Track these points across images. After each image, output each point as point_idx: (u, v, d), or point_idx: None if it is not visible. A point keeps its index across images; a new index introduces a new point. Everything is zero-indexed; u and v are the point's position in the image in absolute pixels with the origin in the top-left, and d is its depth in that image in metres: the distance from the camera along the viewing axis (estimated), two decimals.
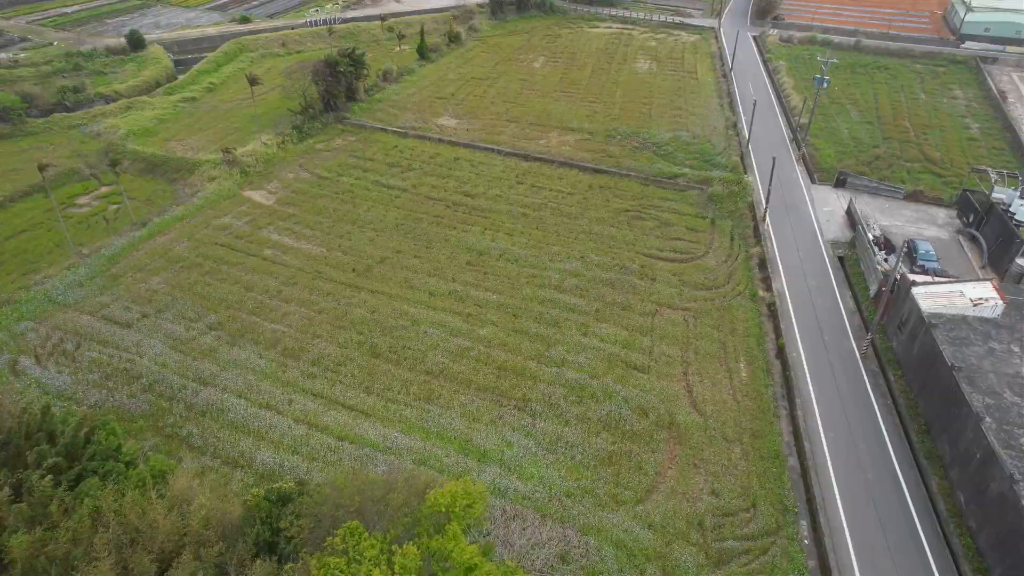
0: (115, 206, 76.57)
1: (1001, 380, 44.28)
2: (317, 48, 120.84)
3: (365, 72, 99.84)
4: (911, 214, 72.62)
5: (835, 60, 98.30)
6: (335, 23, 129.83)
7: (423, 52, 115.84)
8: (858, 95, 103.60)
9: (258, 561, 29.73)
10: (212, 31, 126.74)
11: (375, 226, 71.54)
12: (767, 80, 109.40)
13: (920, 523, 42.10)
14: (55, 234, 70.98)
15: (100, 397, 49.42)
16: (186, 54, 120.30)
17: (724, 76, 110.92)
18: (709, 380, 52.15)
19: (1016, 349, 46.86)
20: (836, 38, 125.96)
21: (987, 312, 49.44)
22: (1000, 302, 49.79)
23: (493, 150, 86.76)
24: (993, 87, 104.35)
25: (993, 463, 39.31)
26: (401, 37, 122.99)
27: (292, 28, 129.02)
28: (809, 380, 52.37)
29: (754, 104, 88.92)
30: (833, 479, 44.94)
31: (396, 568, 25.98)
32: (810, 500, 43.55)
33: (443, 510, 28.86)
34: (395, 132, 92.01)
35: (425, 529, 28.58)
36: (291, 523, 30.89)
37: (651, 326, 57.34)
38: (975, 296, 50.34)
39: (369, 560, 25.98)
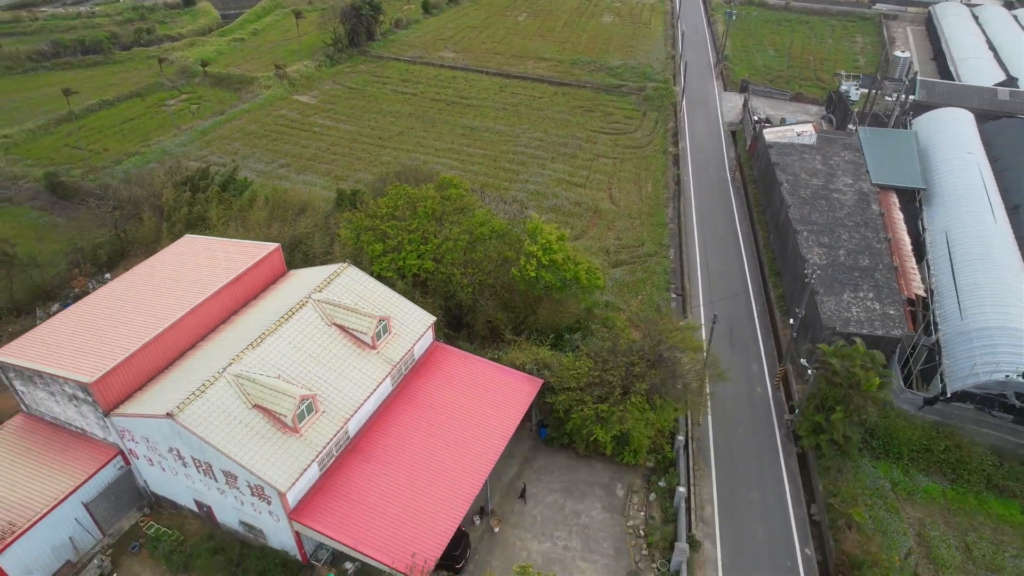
0: (196, 105, 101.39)
1: (801, 170, 69.31)
2: (339, 4, 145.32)
3: (381, 18, 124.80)
4: (792, 108, 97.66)
5: None
6: None
7: (427, 7, 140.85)
8: (778, 40, 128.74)
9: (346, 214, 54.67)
10: None
11: (393, 115, 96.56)
12: (706, 29, 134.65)
13: (745, 253, 67.34)
14: (156, 121, 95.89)
15: None
16: (228, 10, 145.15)
17: (672, 26, 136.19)
18: (625, 191, 77.25)
19: (818, 157, 71.89)
20: (771, 0, 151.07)
21: (806, 140, 74.54)
22: (815, 134, 75.03)
23: (482, 71, 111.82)
24: (886, 35, 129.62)
25: (783, 206, 64.35)
26: None
27: None
28: (692, 190, 77.62)
29: (682, 34, 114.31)
30: (696, 233, 70.18)
31: (421, 191, 50.93)
32: (680, 244, 68.65)
33: (447, 179, 53.81)
34: (406, 61, 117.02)
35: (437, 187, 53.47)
36: (362, 198, 55.73)
37: (589, 166, 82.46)
38: (799, 131, 75.60)
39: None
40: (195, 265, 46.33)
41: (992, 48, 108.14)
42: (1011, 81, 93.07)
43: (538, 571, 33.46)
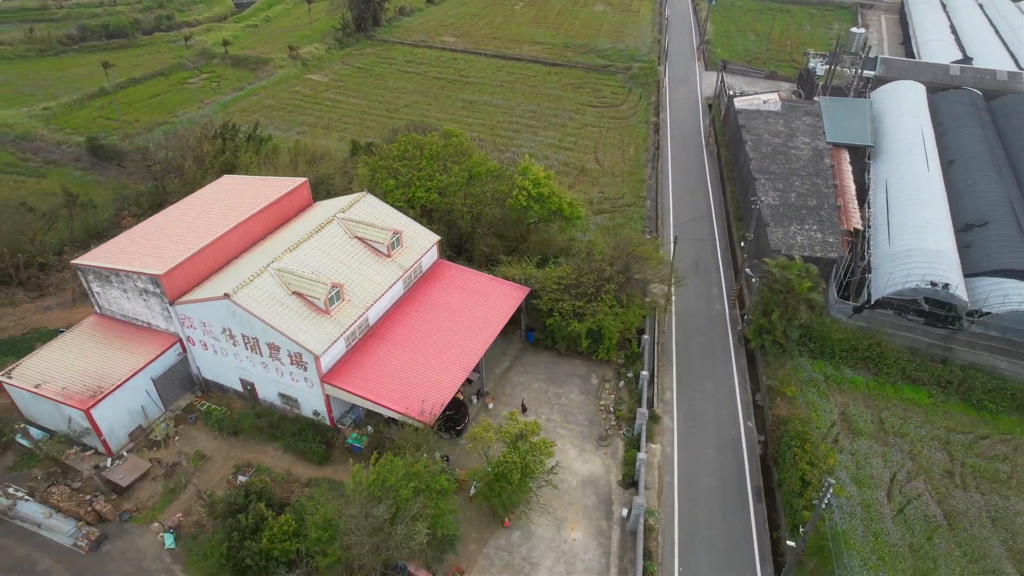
0: (215, 83, 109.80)
1: (764, 131, 77.66)
2: None
3: (386, 5, 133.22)
4: (766, 85, 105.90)
5: None
6: None
7: None
8: (759, 26, 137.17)
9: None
10: None
11: (399, 91, 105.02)
12: (691, 16, 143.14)
13: (713, 202, 75.77)
14: (180, 96, 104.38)
15: None
16: None
17: (660, 14, 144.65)
18: (609, 154, 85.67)
19: (781, 121, 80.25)
20: None
21: (771, 107, 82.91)
22: (779, 102, 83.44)
23: (481, 54, 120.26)
24: (860, 22, 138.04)
25: (746, 161, 72.72)
26: None
27: None
28: (670, 153, 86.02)
29: (666, 18, 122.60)
30: (671, 187, 78.60)
31: (427, 137, 59.26)
32: (657, 196, 77.04)
33: (450, 130, 62.17)
34: (410, 44, 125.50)
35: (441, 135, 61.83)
36: (377, 146, 64.07)
37: (578, 133, 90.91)
38: (765, 99, 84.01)
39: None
40: (236, 195, 54.64)
41: (954, 32, 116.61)
42: (967, 60, 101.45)
43: (523, 420, 41.72)
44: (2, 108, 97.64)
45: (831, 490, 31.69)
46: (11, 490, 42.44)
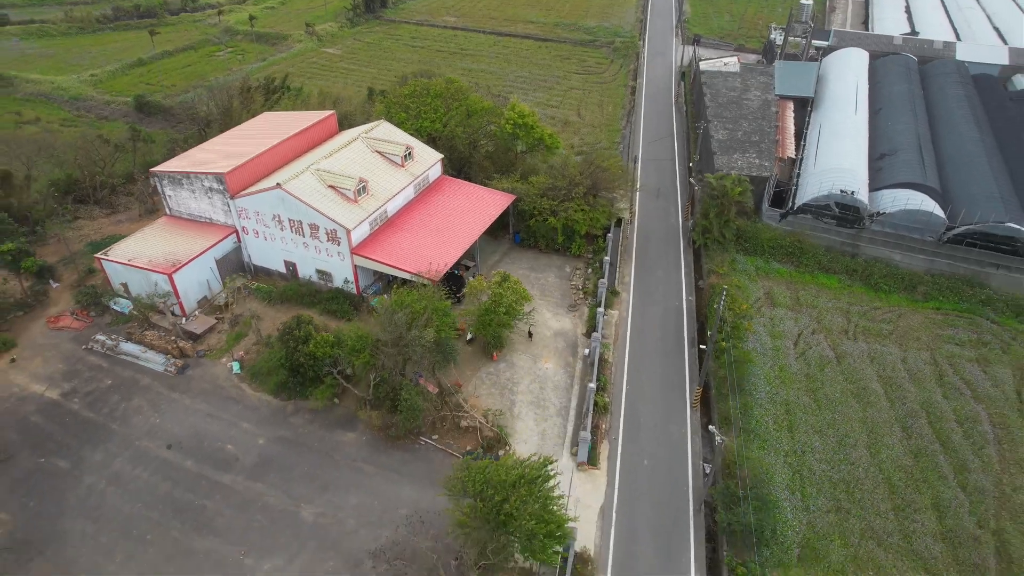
0: (240, 56, 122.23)
1: (722, 87, 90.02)
2: None
3: None
4: (735, 56, 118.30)
5: None
6: None
7: None
8: (735, 9, 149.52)
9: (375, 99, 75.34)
10: None
11: (406, 61, 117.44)
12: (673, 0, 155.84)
13: (677, 145, 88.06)
14: (210, 65, 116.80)
15: None
16: None
17: None
18: (590, 111, 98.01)
19: (739, 80, 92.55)
20: None
21: (730, 68, 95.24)
22: (738, 64, 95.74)
23: (479, 31, 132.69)
24: (828, 5, 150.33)
25: (705, 109, 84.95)
26: None
27: None
28: (643, 108, 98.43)
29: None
30: (642, 135, 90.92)
31: (432, 81, 71.51)
32: (629, 142, 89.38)
33: (451, 78, 74.37)
34: (414, 23, 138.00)
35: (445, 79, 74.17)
36: (389, 91, 76.38)
37: (563, 94, 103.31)
38: (726, 61, 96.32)
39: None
40: (276, 123, 67.00)
41: (908, 11, 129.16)
42: (913, 33, 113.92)
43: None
44: (54, 75, 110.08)
45: (725, 295, 43.84)
46: (112, 336, 54.81)
